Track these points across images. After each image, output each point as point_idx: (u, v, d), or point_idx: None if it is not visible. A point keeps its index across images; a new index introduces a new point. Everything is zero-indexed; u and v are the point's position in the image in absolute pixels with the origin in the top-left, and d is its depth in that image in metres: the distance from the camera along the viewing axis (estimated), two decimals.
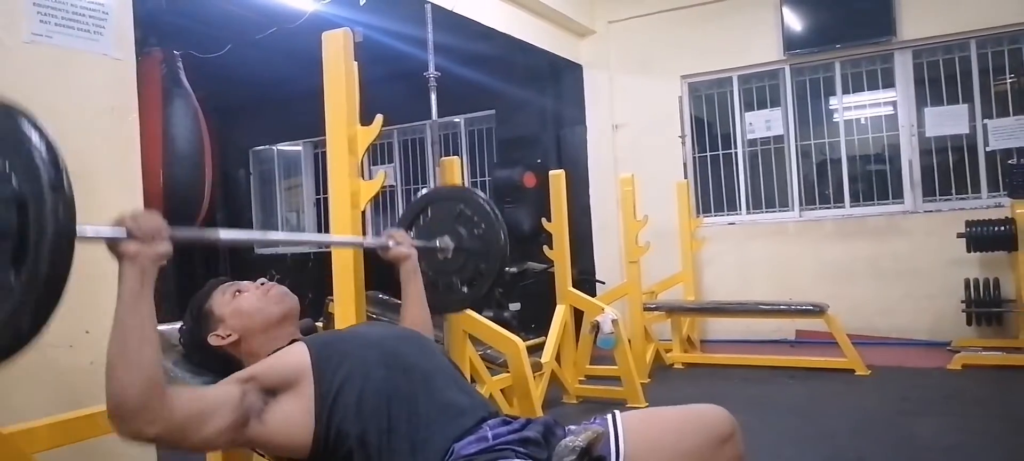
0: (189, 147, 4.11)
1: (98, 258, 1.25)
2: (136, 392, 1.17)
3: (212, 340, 1.59)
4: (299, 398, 1.39)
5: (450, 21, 4.97)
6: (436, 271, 2.15)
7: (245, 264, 8.21)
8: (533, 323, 5.44)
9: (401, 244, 1.95)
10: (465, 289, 2.17)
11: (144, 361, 1.19)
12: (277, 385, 1.39)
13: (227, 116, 7.97)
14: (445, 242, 2.13)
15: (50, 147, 1.04)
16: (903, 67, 5.86)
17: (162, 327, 1.61)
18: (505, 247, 2.10)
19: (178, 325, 1.73)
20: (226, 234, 1.62)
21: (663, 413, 1.54)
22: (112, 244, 1.21)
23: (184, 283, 6.58)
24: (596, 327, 4.34)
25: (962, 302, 5.23)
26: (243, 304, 1.61)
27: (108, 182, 2.50)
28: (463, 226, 2.14)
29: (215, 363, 1.62)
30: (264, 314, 1.60)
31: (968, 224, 5.04)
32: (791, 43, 6.07)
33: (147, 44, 4.10)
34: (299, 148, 8.50)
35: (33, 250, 1.01)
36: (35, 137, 1.04)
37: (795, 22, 6.08)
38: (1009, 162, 5.06)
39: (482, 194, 2.24)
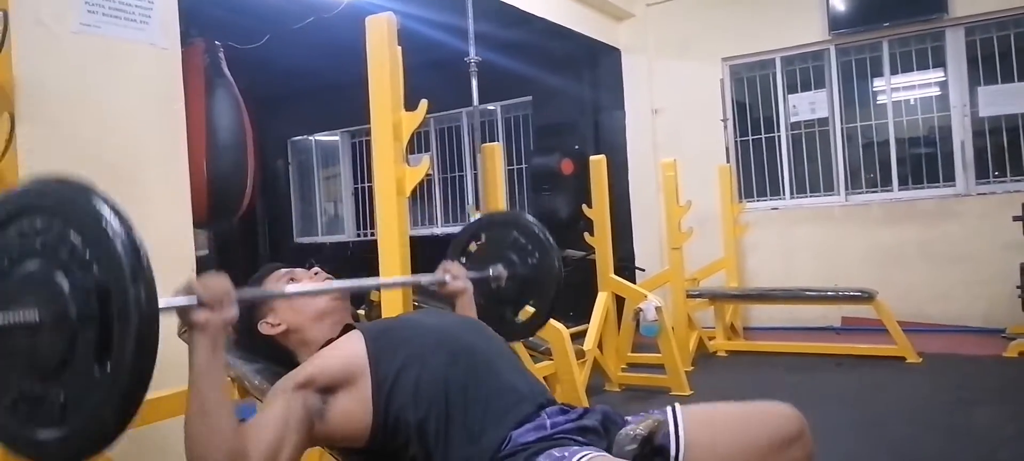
0: (232, 138, 4.11)
1: None
2: (221, 458, 1.18)
3: (263, 328, 1.57)
4: (358, 389, 1.37)
5: (486, 6, 4.93)
6: (488, 299, 2.06)
7: (284, 252, 8.30)
8: (572, 311, 5.38)
9: (458, 278, 1.88)
10: (519, 320, 2.13)
11: (224, 426, 1.19)
12: (334, 383, 1.37)
13: (265, 107, 8.02)
14: (498, 270, 2.06)
15: (128, 230, 0.99)
16: (955, 45, 5.66)
17: None
18: (560, 275, 2.04)
19: None
20: (292, 288, 1.58)
21: (726, 408, 1.48)
22: (183, 313, 1.20)
23: (225, 267, 6.67)
24: (639, 314, 4.29)
25: (1018, 288, 5.04)
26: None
27: (155, 171, 2.51)
28: (516, 253, 2.07)
29: (265, 349, 1.60)
30: (315, 303, 1.57)
31: None
32: (836, 23, 5.90)
33: (189, 35, 4.12)
34: (337, 138, 8.55)
35: (118, 341, 0.96)
36: (113, 220, 0.98)
37: (840, 1, 5.91)
38: None
39: (532, 218, 2.15)
